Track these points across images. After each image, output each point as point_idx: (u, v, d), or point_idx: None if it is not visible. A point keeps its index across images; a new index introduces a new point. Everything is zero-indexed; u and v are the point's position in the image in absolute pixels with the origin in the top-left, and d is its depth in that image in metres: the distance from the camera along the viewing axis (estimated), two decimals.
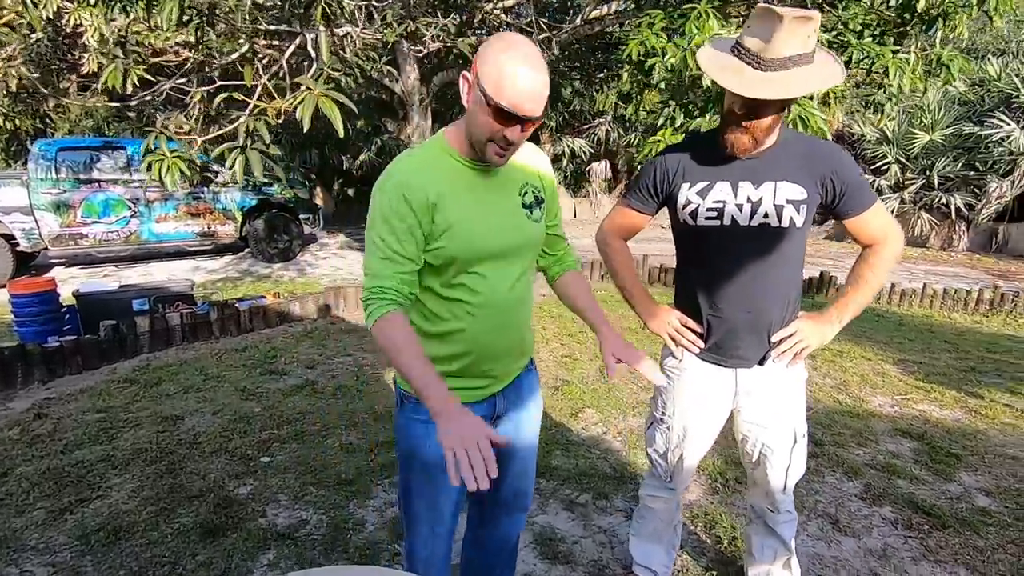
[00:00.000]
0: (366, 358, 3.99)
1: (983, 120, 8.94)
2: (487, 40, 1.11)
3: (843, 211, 1.36)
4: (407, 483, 1.32)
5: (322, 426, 2.95)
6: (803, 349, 1.42)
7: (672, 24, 3.35)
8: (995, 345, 4.56)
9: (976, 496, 2.42)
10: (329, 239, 9.92)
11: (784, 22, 1.15)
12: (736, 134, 1.28)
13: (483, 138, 1.10)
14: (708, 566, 1.97)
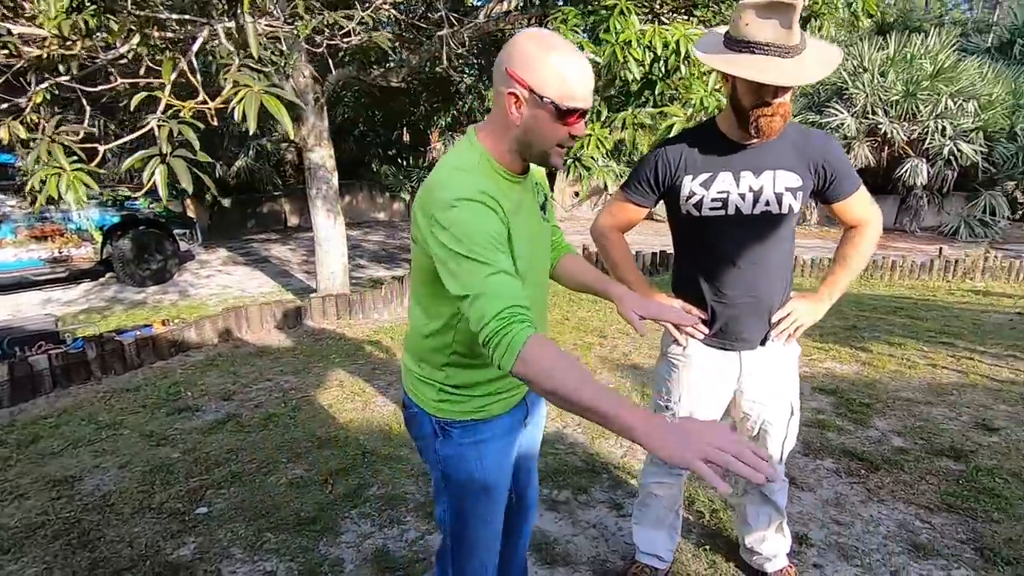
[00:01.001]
0: (288, 381, 3.65)
1: (821, 109, 10.29)
2: (513, 45, 1.01)
3: (832, 196, 1.46)
4: (462, 512, 1.23)
5: (260, 463, 2.64)
6: (799, 327, 1.51)
7: (585, 21, 3.42)
8: (863, 305, 5.27)
9: (892, 438, 2.76)
10: (209, 255, 8.96)
11: (794, 10, 1.20)
12: (767, 119, 1.30)
13: (551, 145, 1.05)
14: (699, 541, 2.04)
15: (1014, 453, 2.61)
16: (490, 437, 1.20)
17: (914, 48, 10.20)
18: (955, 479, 2.41)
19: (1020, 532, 2.08)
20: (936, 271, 6.64)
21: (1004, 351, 3.98)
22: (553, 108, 0.99)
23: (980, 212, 9.94)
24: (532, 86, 0.98)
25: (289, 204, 11.21)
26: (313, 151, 5.31)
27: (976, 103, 9.59)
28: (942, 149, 9.53)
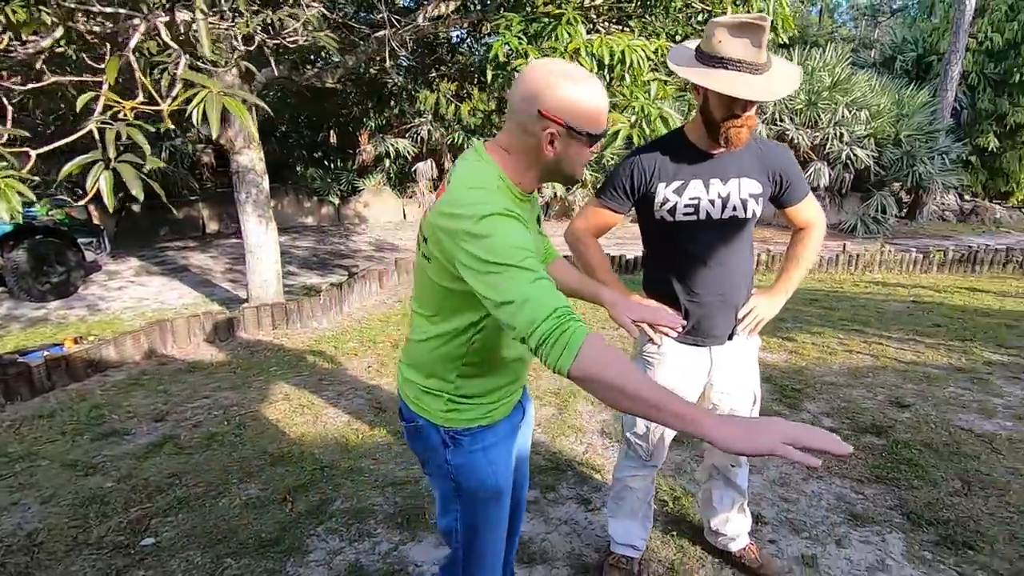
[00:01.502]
0: (227, 397, 3.44)
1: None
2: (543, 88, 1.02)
3: (786, 201, 1.59)
4: (475, 520, 1.23)
5: (208, 485, 2.48)
6: (761, 321, 1.63)
7: (529, 28, 3.48)
8: None
9: (822, 419, 3.02)
10: (119, 265, 8.24)
11: (764, 31, 1.29)
12: (736, 130, 1.40)
13: (581, 167, 1.12)
14: (665, 528, 2.13)
15: (924, 426, 2.93)
16: (496, 441, 1.22)
17: (814, 62, 11.14)
18: (879, 453, 2.67)
19: (937, 496, 2.34)
20: (841, 265, 7.29)
21: (906, 335, 4.45)
22: (587, 137, 1.06)
23: (873, 211, 11.00)
24: (569, 123, 1.03)
25: (208, 209, 10.53)
26: (242, 154, 5.03)
27: (867, 112, 10.61)
28: (840, 154, 10.47)
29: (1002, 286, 6.52)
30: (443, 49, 6.83)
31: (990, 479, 2.45)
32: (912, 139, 10.94)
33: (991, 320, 4.94)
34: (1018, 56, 11.93)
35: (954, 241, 10.18)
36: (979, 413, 3.07)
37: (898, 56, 14.63)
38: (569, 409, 3.13)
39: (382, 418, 3.07)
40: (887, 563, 1.97)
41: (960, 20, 11.53)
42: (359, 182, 11.43)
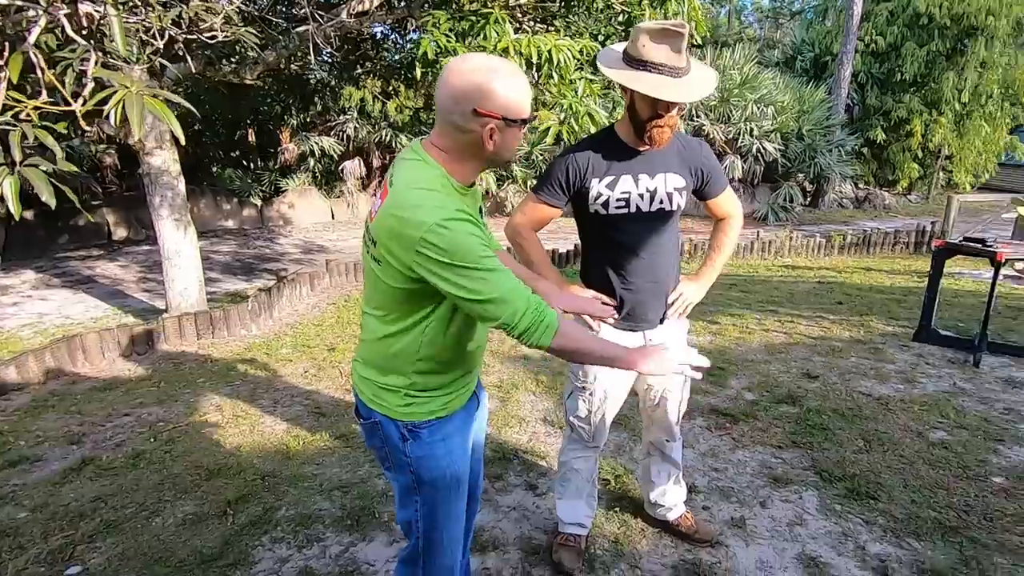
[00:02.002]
0: (152, 413, 3.25)
1: None
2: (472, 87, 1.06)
3: (707, 193, 1.72)
4: (435, 511, 1.27)
5: (139, 506, 2.34)
6: (689, 304, 1.76)
7: (456, 26, 3.50)
8: None
9: (745, 394, 3.26)
10: (11, 279, 7.49)
11: (683, 38, 1.40)
12: (659, 130, 1.52)
13: (508, 155, 1.17)
14: (609, 505, 2.25)
15: (831, 394, 3.24)
16: (453, 431, 1.26)
17: (724, 60, 11.84)
18: (794, 420, 2.93)
19: (844, 455, 2.60)
20: (756, 251, 7.83)
21: (814, 313, 4.86)
22: (521, 123, 1.12)
23: (782, 200, 11.85)
24: (504, 115, 1.08)
25: (113, 215, 9.74)
26: (153, 154, 4.72)
27: (773, 108, 11.41)
28: (751, 147, 11.20)
29: (892, 265, 7.25)
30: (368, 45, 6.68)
31: (887, 436, 2.76)
32: (813, 133, 11.87)
33: (884, 296, 5.49)
34: (899, 57, 13.21)
35: (851, 226, 11.16)
36: (876, 379, 3.43)
37: (798, 56, 15.80)
38: (512, 400, 3.20)
39: (323, 423, 3.01)
40: (804, 518, 2.18)
41: (849, 24, 12.61)
42: (283, 182, 10.96)
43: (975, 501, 2.27)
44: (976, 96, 13.11)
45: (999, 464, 2.53)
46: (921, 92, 13.33)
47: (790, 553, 2.00)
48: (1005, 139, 13.84)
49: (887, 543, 2.04)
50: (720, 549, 2.01)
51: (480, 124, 1.08)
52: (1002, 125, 13.70)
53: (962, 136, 13.51)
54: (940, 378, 3.45)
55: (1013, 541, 2.05)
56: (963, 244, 3.82)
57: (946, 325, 4.30)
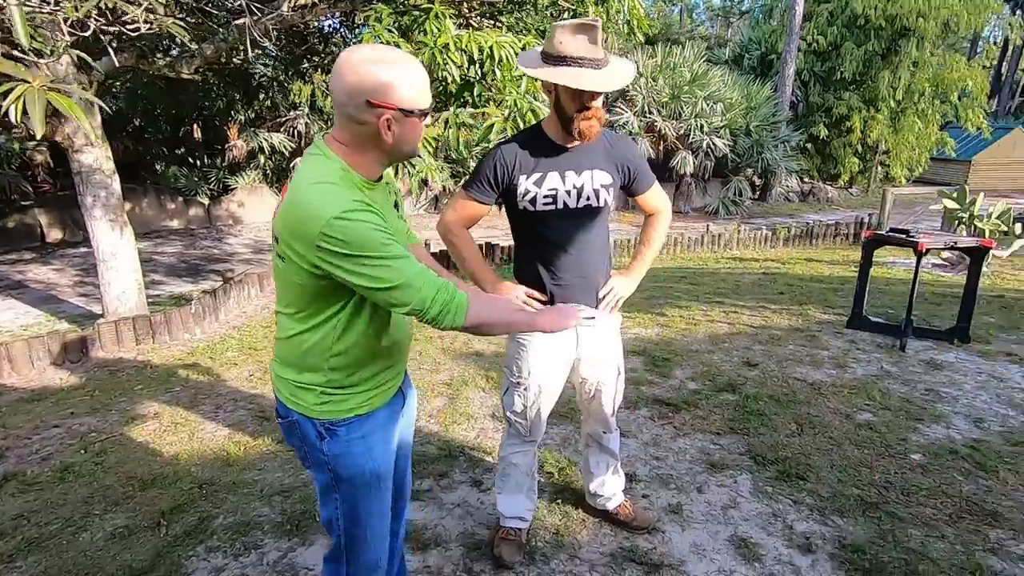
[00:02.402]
0: (84, 423, 3.11)
1: (610, 108, 11.65)
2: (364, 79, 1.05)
3: (635, 190, 1.75)
4: (356, 509, 1.26)
5: (65, 521, 2.24)
6: (620, 298, 1.80)
7: (399, 20, 3.46)
8: (657, 277, 6.19)
9: (688, 383, 3.36)
10: None
11: (599, 31, 1.44)
12: (588, 123, 1.54)
13: (408, 148, 1.15)
14: (552, 498, 2.28)
15: (769, 381, 3.37)
16: (375, 429, 1.25)
17: (675, 58, 12.10)
18: (733, 407, 3.04)
19: (778, 440, 2.71)
20: (706, 244, 8.05)
21: (757, 304, 5.04)
22: (419, 114, 1.10)
23: (732, 194, 12.23)
24: (400, 106, 1.07)
25: (46, 216, 9.23)
26: (83, 152, 4.49)
27: (722, 105, 11.75)
28: (702, 143, 11.50)
29: (832, 256, 7.58)
30: (315, 39, 6.52)
31: (817, 419, 2.89)
32: (760, 129, 12.28)
33: (823, 285, 5.74)
34: (838, 56, 13.79)
35: (796, 219, 11.62)
36: (811, 365, 3.59)
37: (745, 54, 16.30)
38: (460, 397, 3.20)
39: (266, 427, 2.95)
40: (738, 501, 2.27)
41: (792, 23, 13.09)
42: (231, 180, 10.61)
43: (895, 478, 2.41)
44: (909, 94, 13.83)
45: (918, 442, 2.69)
46: (860, 90, 13.97)
47: (723, 536, 2.08)
48: (936, 135, 14.64)
49: (813, 521, 2.15)
50: (657, 535, 2.07)
51: (375, 115, 1.07)
52: (933, 122, 14.50)
53: (897, 132, 14.23)
54: (869, 362, 3.64)
55: (926, 514, 2.18)
56: (889, 235, 4.03)
57: (877, 312, 4.53)
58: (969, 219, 6.08)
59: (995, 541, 2.04)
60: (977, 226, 6.01)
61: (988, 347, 3.86)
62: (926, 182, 15.61)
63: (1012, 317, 4.55)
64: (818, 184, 14.63)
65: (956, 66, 13.85)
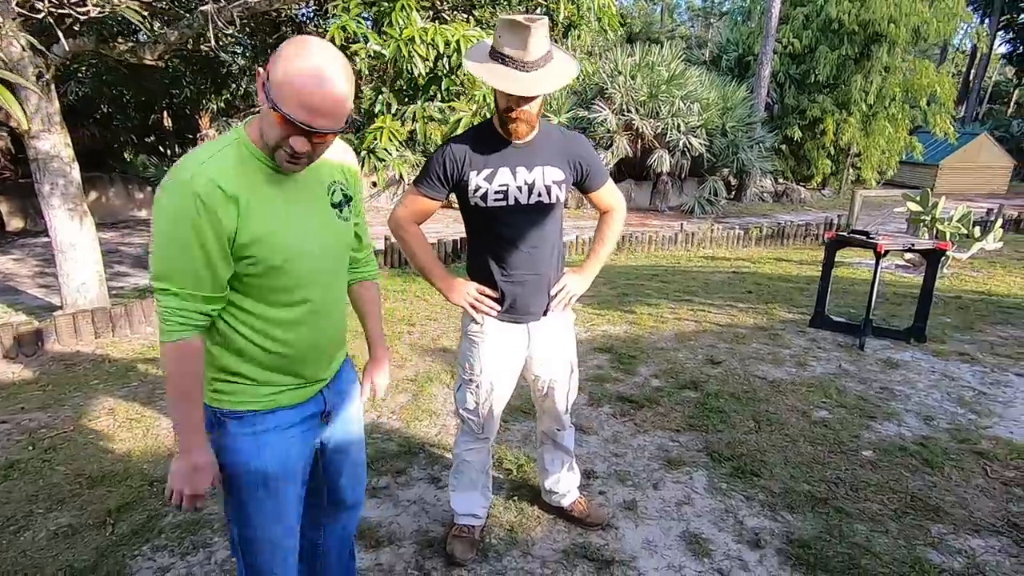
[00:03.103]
0: (34, 419, 3.02)
1: (588, 106, 11.68)
2: (287, 41, 1.01)
3: (588, 187, 1.75)
4: (244, 506, 1.21)
5: (5, 520, 2.17)
6: (572, 297, 1.80)
7: (369, 11, 3.42)
8: (629, 275, 6.24)
9: (651, 381, 3.39)
10: None
11: (533, 31, 1.41)
12: (513, 123, 1.53)
13: (271, 143, 1.04)
14: (508, 495, 2.29)
15: (731, 379, 3.42)
16: (270, 428, 1.19)
17: (654, 57, 12.17)
18: (694, 405, 3.08)
19: (735, 437, 2.76)
20: (680, 243, 8.13)
21: (725, 302, 5.12)
22: (282, 117, 0.99)
23: (707, 193, 12.37)
24: (270, 79, 0.99)
25: (6, 204, 8.92)
26: (40, 138, 4.34)
27: (699, 105, 11.85)
28: (678, 142, 11.59)
29: (801, 255, 7.72)
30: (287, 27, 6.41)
31: (775, 416, 2.95)
32: (735, 130, 12.42)
33: (790, 285, 5.84)
34: (813, 60, 14.02)
35: (770, 219, 11.80)
36: (772, 363, 3.66)
37: (723, 55, 16.48)
38: (424, 394, 3.19)
39: None
40: (692, 497, 2.30)
41: (768, 26, 13.25)
42: None
43: (845, 474, 2.47)
44: (880, 98, 14.13)
45: (870, 439, 2.76)
46: (833, 93, 14.22)
47: (675, 532, 2.10)
48: (905, 139, 15.00)
49: (763, 517, 2.19)
50: (610, 531, 2.09)
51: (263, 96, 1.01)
52: (903, 126, 14.85)
53: (868, 135, 14.53)
54: (829, 361, 3.72)
55: (872, 509, 2.24)
56: (850, 236, 4.12)
57: (839, 311, 4.63)
58: (931, 222, 6.24)
59: (936, 535, 2.10)
60: (939, 229, 6.17)
61: (943, 347, 3.98)
62: (896, 184, 16.00)
63: (967, 318, 4.69)
64: (792, 185, 14.88)
65: (926, 72, 14.18)
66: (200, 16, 4.34)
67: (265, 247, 1.08)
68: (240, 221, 1.05)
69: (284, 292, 1.15)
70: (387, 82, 3.31)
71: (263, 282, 1.12)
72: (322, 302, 1.22)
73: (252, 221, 1.06)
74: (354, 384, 1.43)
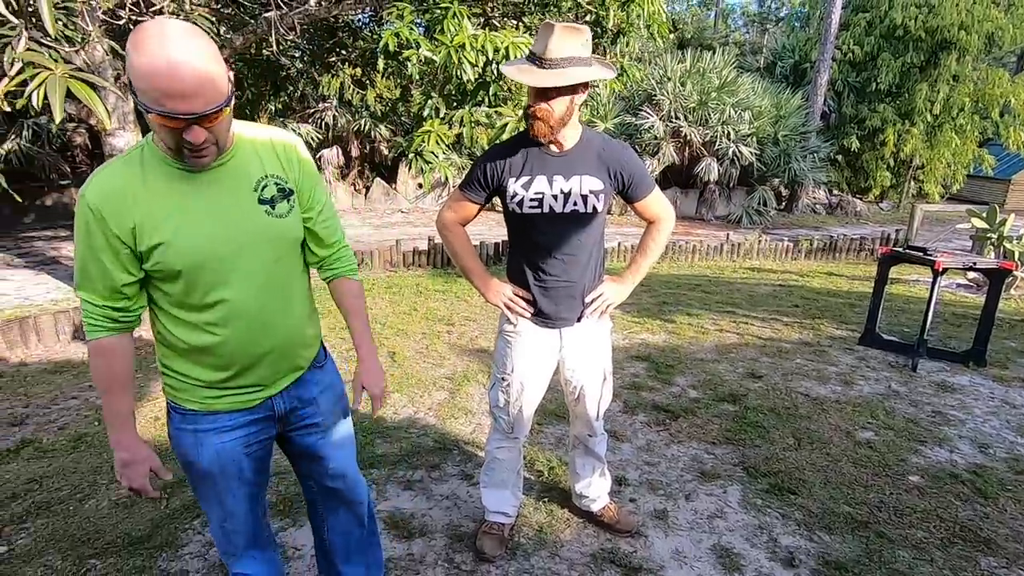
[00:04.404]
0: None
1: (636, 112, 11.58)
2: (129, 36, 0.96)
3: (631, 197, 1.75)
4: (194, 486, 1.33)
5: (73, 488, 2.35)
6: (608, 306, 1.81)
7: (420, 18, 3.52)
8: (670, 284, 6.15)
9: (689, 391, 3.35)
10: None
11: (555, 31, 1.47)
12: (534, 122, 1.56)
13: (168, 143, 1.02)
14: (539, 496, 2.31)
15: (772, 394, 3.34)
16: (209, 430, 1.23)
17: (705, 63, 11.96)
18: (732, 418, 3.02)
19: (774, 452, 2.69)
20: (725, 253, 7.96)
21: (769, 315, 4.98)
22: (146, 108, 0.95)
23: (756, 204, 12.05)
24: (133, 86, 0.95)
25: None
26: (116, 135, 4.66)
27: (750, 113, 11.57)
28: (728, 150, 11.35)
29: (855, 271, 7.43)
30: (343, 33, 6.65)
31: (817, 434, 2.86)
32: (788, 139, 12.07)
33: (839, 300, 5.64)
34: (875, 67, 13.46)
35: (821, 231, 11.39)
36: (816, 380, 3.55)
37: (778, 62, 16.02)
38: (461, 392, 3.25)
39: None
40: (725, 511, 2.27)
41: (827, 33, 12.82)
42: None
43: (889, 498, 2.37)
44: (947, 108, 13.43)
45: (918, 464, 2.64)
46: (895, 102, 13.61)
47: (705, 544, 2.08)
48: (974, 151, 14.19)
49: (799, 536, 2.13)
50: (639, 539, 2.09)
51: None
52: (971, 137, 14.05)
53: (933, 147, 13.83)
54: (877, 381, 3.58)
55: (918, 536, 2.15)
56: (906, 252, 3.95)
57: (892, 330, 4.44)
58: (998, 240, 5.89)
59: (985, 568, 2.01)
60: (1006, 247, 5.82)
61: (1005, 372, 3.76)
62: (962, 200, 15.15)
63: None
64: (847, 197, 14.31)
65: (999, 81, 13.38)
66: (264, 22, 4.57)
67: (167, 252, 1.08)
68: (137, 229, 1.06)
69: (195, 294, 1.13)
70: (436, 87, 3.41)
71: (171, 286, 1.12)
72: (247, 305, 1.17)
73: (151, 228, 1.07)
74: (331, 387, 1.41)
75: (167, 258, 1.08)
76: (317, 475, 1.44)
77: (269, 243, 1.18)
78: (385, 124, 10.91)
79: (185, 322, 1.15)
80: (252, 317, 1.18)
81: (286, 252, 1.23)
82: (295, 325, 1.27)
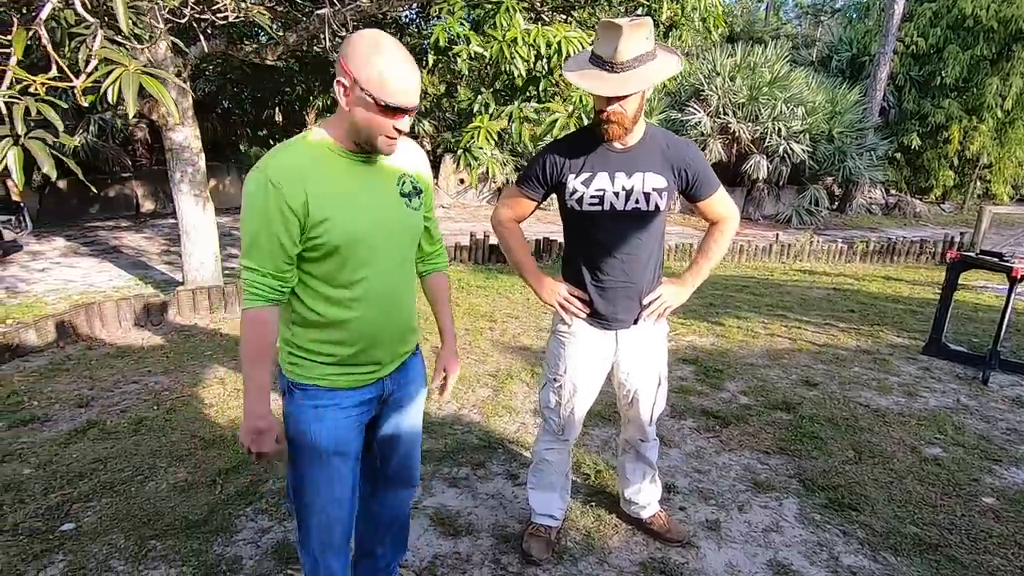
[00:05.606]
0: (158, 382, 3.37)
1: (682, 108, 11.31)
2: (349, 42, 1.13)
3: (695, 195, 1.69)
4: (300, 472, 1.33)
5: (135, 470, 2.45)
6: (667, 308, 1.75)
7: (472, 13, 3.50)
8: (717, 285, 5.98)
9: (739, 397, 3.23)
10: (43, 245, 7.77)
11: (624, 32, 1.39)
12: (604, 124, 1.51)
13: (375, 134, 1.16)
14: (586, 500, 2.27)
15: (828, 403, 3.19)
16: (329, 405, 1.29)
17: (756, 57, 11.57)
18: (786, 427, 2.90)
19: (832, 465, 2.57)
20: (774, 254, 7.69)
21: (823, 320, 4.78)
22: (369, 100, 1.11)
23: (807, 203, 11.61)
24: (356, 79, 1.11)
25: (142, 187, 10.02)
26: (175, 130, 4.84)
27: (803, 109, 11.14)
28: (778, 148, 10.96)
29: (915, 275, 7.06)
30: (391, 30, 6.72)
31: (879, 448, 2.71)
32: (843, 136, 11.56)
33: (899, 306, 5.36)
34: (940, 60, 12.74)
35: (878, 233, 10.88)
36: (877, 390, 3.37)
37: (834, 55, 15.35)
38: (505, 390, 3.23)
39: None
40: (781, 525, 2.17)
41: (889, 24, 12.19)
42: None
43: (961, 520, 2.23)
44: (1020, 104, 12.60)
45: (992, 484, 2.47)
46: (962, 97, 12.86)
47: (761, 559, 2.00)
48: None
49: (862, 556, 2.02)
50: (691, 550, 2.02)
51: (339, 75, 1.13)
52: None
53: (1003, 145, 13.01)
54: (944, 393, 3.37)
55: (994, 563, 2.01)
56: (979, 257, 3.71)
57: (959, 340, 4.18)
58: None
59: None
60: None
61: None
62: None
63: None
64: (905, 197, 13.62)
65: None
66: (316, 19, 4.65)
67: (331, 228, 1.18)
68: (309, 203, 1.16)
69: (345, 271, 1.23)
70: (485, 82, 3.38)
71: (322, 263, 1.22)
72: (382, 286, 1.29)
73: (319, 204, 1.17)
74: (419, 377, 1.50)
75: (330, 233, 1.18)
76: (387, 453, 1.49)
77: (406, 231, 1.32)
78: (429, 120, 10.99)
79: (328, 297, 1.24)
80: (383, 297, 1.29)
81: (413, 242, 1.37)
82: (410, 310, 1.40)
